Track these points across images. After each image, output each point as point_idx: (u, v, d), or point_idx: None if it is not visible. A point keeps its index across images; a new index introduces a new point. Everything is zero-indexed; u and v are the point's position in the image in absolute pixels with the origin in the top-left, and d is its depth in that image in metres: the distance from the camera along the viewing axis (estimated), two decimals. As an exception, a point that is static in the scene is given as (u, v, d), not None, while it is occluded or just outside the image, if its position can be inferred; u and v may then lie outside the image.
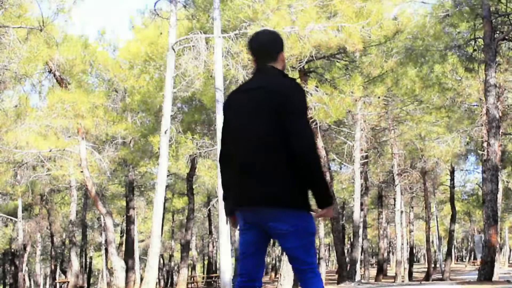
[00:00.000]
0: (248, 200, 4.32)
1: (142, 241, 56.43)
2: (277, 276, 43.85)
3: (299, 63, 24.39)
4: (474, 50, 26.54)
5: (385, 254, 55.27)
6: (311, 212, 4.42)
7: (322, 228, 43.51)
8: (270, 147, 4.27)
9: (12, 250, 49.54)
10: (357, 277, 35.71)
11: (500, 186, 34.81)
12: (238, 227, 4.62)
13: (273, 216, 4.28)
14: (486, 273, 23.06)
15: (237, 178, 4.39)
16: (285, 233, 4.31)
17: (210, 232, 59.52)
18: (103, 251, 54.44)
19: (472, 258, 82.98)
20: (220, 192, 21.90)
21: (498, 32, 24.53)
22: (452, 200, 48.03)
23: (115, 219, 48.90)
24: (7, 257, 55.69)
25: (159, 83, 28.59)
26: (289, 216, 4.28)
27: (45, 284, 66.30)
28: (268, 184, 4.25)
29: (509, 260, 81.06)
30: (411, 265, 50.74)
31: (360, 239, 38.38)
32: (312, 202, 4.43)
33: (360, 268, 42.30)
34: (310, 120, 19.69)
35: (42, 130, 27.32)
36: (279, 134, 4.25)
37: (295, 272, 4.47)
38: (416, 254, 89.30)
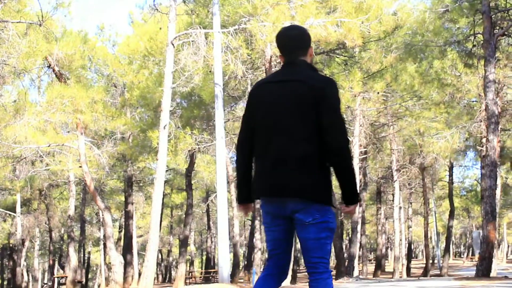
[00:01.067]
0: (280, 191, 4.33)
1: (141, 236, 56.46)
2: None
3: (298, 58, 24.32)
4: (474, 45, 26.52)
5: (383, 250, 55.37)
6: (334, 208, 4.44)
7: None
8: (306, 140, 4.30)
9: (11, 245, 49.51)
10: (355, 273, 35.72)
11: (499, 182, 34.87)
12: (264, 222, 4.63)
13: (301, 208, 4.30)
14: (484, 269, 23.06)
15: (270, 168, 4.38)
16: (307, 224, 4.32)
17: (209, 228, 59.56)
18: (101, 246, 54.49)
19: (470, 254, 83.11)
20: (219, 187, 21.93)
21: (497, 27, 24.51)
22: (450, 196, 48.07)
23: (113, 214, 48.94)
24: (6, 252, 55.75)
25: (158, 78, 28.59)
26: (315, 209, 4.30)
27: (43, 279, 66.34)
28: (302, 177, 4.28)
29: (507, 256, 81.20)
30: (409, 261, 50.75)
31: (359, 235, 38.42)
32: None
33: (358, 264, 42.32)
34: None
35: (41, 125, 27.23)
36: (314, 127, 4.30)
37: (307, 265, 4.44)
38: (414, 250, 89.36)
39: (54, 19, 26.03)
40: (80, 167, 28.58)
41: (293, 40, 4.58)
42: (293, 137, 4.31)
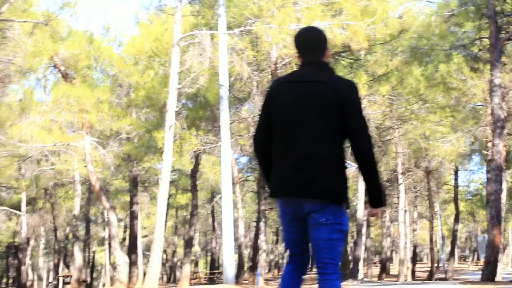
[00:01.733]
0: (301, 192, 4.34)
1: (146, 236, 56.45)
2: (280, 273, 43.90)
3: (303, 60, 24.34)
4: (479, 50, 26.52)
5: (388, 253, 55.27)
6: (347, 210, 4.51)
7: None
8: (329, 141, 4.33)
9: (16, 244, 49.62)
10: (360, 276, 35.71)
11: (504, 186, 34.69)
12: (281, 221, 4.67)
13: (318, 209, 4.33)
14: (489, 273, 23.08)
15: (291, 168, 4.37)
16: (320, 224, 4.35)
17: (213, 229, 59.53)
18: (106, 246, 54.51)
19: (475, 258, 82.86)
20: (224, 188, 21.99)
21: (503, 32, 24.51)
22: (456, 199, 47.93)
23: (118, 214, 48.85)
24: (11, 250, 55.78)
25: (164, 79, 28.60)
26: (331, 210, 4.34)
27: (48, 277, 66.44)
28: (324, 178, 4.30)
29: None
30: (414, 264, 50.65)
31: (363, 238, 38.39)
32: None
33: (363, 267, 42.28)
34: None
35: (46, 124, 27.28)
36: (337, 129, 4.34)
37: (317, 265, 4.45)
38: (419, 253, 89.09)
39: (60, 19, 26.16)
40: (86, 166, 28.62)
41: (311, 41, 4.61)
42: (317, 138, 4.32)
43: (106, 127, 30.51)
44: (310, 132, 4.34)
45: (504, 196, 33.83)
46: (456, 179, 48.31)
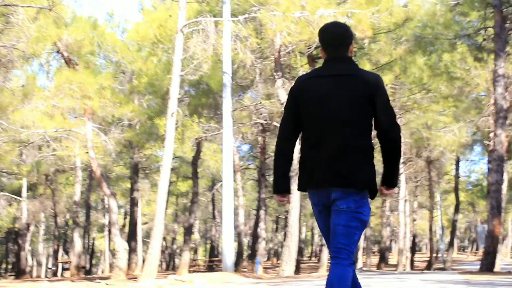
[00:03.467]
0: (335, 182, 4.42)
1: (146, 223, 56.52)
2: (278, 261, 43.95)
3: (307, 48, 24.35)
4: (484, 39, 26.46)
5: (388, 243, 55.36)
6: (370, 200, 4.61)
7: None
8: (362, 132, 4.46)
9: (16, 229, 49.63)
10: (359, 265, 35.78)
11: (505, 176, 34.76)
12: (314, 212, 4.72)
13: (343, 197, 4.42)
14: (488, 263, 23.14)
15: (326, 160, 4.45)
16: (340, 210, 4.44)
17: (214, 216, 59.64)
18: (106, 233, 54.63)
19: (474, 248, 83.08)
20: (225, 176, 21.96)
21: (508, 21, 24.43)
22: (456, 190, 48.05)
23: (119, 201, 48.97)
24: (11, 236, 55.85)
25: (167, 66, 28.54)
26: (354, 199, 4.43)
27: (47, 263, 66.61)
28: (359, 169, 4.42)
29: (511, 251, 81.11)
30: (413, 254, 50.73)
31: (363, 227, 38.34)
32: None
33: (362, 256, 42.38)
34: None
35: (48, 110, 27.22)
36: (369, 120, 4.49)
37: (331, 249, 4.49)
38: (418, 243, 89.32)
39: (64, 4, 26.09)
40: (87, 153, 28.58)
41: (338, 37, 4.67)
42: (351, 130, 4.43)
43: (108, 114, 30.43)
44: (344, 125, 4.43)
45: (505, 186, 33.88)
46: (457, 169, 48.41)
